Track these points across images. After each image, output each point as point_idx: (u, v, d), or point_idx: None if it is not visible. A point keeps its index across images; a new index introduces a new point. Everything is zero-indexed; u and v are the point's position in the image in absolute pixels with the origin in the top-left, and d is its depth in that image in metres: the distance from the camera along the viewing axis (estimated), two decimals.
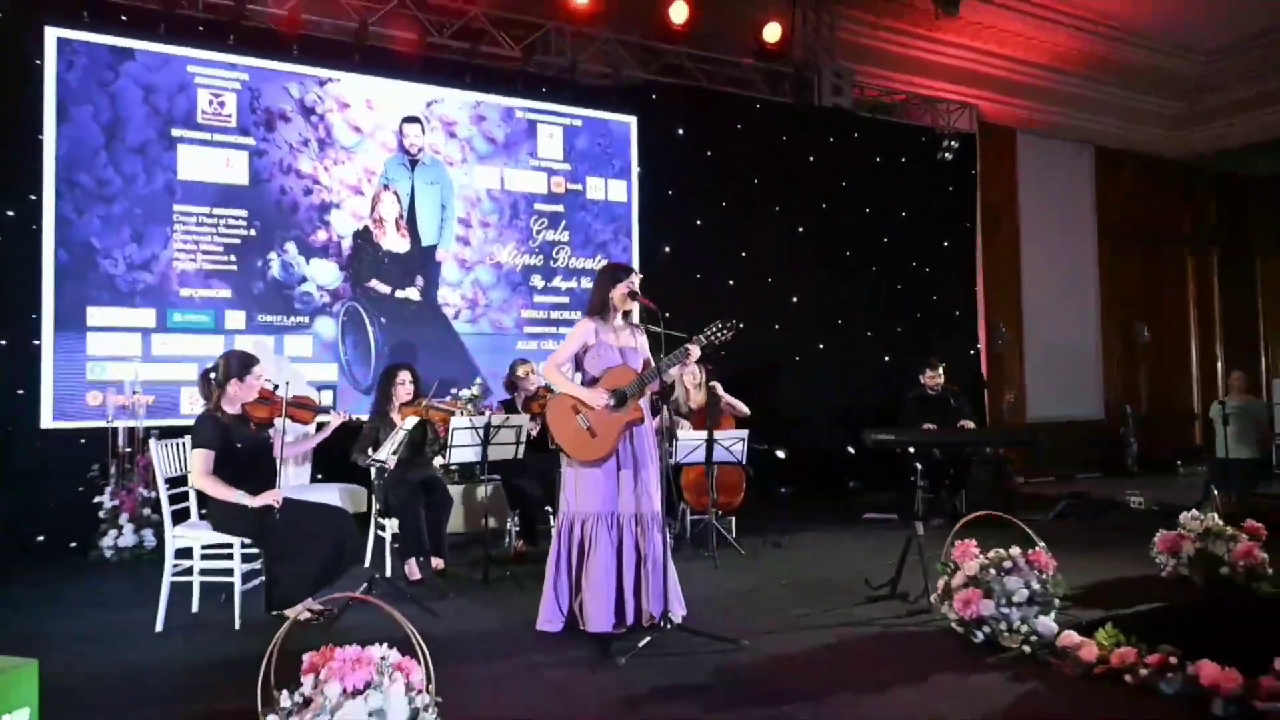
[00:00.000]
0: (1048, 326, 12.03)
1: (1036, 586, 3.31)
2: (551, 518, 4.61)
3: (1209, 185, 13.52)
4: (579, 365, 3.64)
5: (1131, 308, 12.48)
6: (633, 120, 7.48)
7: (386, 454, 4.07)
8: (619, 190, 7.43)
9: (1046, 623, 3.21)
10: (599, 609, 3.37)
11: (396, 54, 6.65)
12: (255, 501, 3.56)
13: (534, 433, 4.85)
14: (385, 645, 2.29)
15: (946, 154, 9.04)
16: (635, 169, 7.49)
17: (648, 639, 3.22)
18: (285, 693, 2.16)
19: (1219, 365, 13.11)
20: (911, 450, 6.52)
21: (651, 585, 3.38)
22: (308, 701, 2.13)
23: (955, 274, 9.21)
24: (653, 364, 3.56)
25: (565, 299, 7.12)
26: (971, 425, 6.56)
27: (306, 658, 2.22)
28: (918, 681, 2.92)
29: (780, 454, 7.63)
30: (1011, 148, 12.08)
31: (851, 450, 7.65)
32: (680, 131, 7.66)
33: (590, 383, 3.56)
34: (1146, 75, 12.13)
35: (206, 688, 2.90)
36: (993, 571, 3.33)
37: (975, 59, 10.86)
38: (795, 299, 8.13)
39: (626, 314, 3.66)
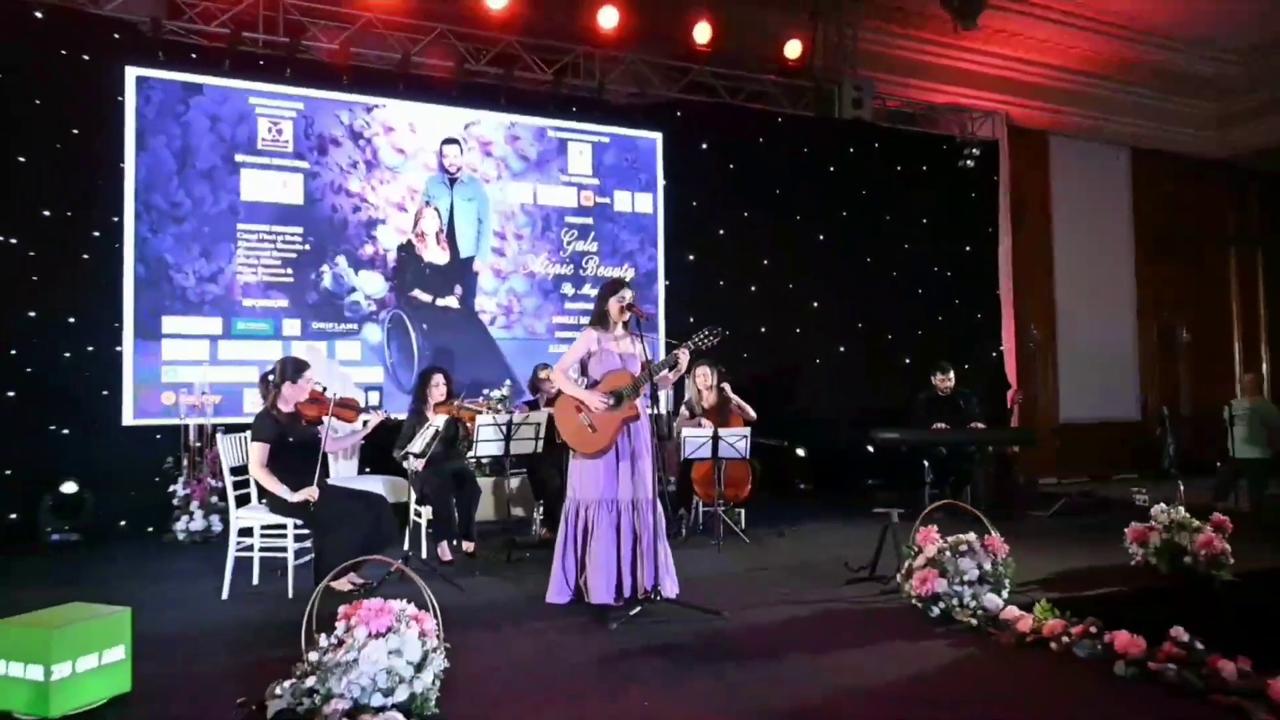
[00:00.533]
0: (1081, 328, 12.16)
1: (987, 567, 3.71)
2: None
3: (1252, 185, 13.47)
4: (584, 370, 4.15)
5: (1171, 309, 12.51)
6: (658, 136, 7.97)
7: (419, 447, 4.62)
8: (645, 202, 7.93)
9: (993, 599, 3.62)
10: (600, 583, 3.87)
11: (437, 81, 7.25)
12: (294, 497, 4.14)
13: None
14: (406, 601, 2.82)
15: (968, 161, 9.32)
16: (661, 182, 7.98)
17: (638, 608, 3.71)
18: (323, 635, 2.70)
19: (1264, 366, 13.07)
20: (904, 448, 6.96)
21: (645, 562, 3.86)
22: (341, 642, 2.67)
23: (977, 278, 9.48)
24: (649, 369, 4.03)
25: (593, 305, 7.63)
26: (981, 426, 6.90)
27: (341, 609, 2.75)
28: (869, 646, 3.36)
29: (800, 452, 8.08)
30: (1044, 151, 12.25)
31: (871, 449, 8.00)
32: (704, 146, 8.12)
33: (593, 385, 4.06)
34: (1180, 77, 12.18)
35: (263, 641, 3.47)
36: (949, 554, 3.73)
37: (1004, 65, 11.04)
38: (816, 304, 8.53)
39: (625, 323, 4.14)
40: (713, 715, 2.72)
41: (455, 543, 5.00)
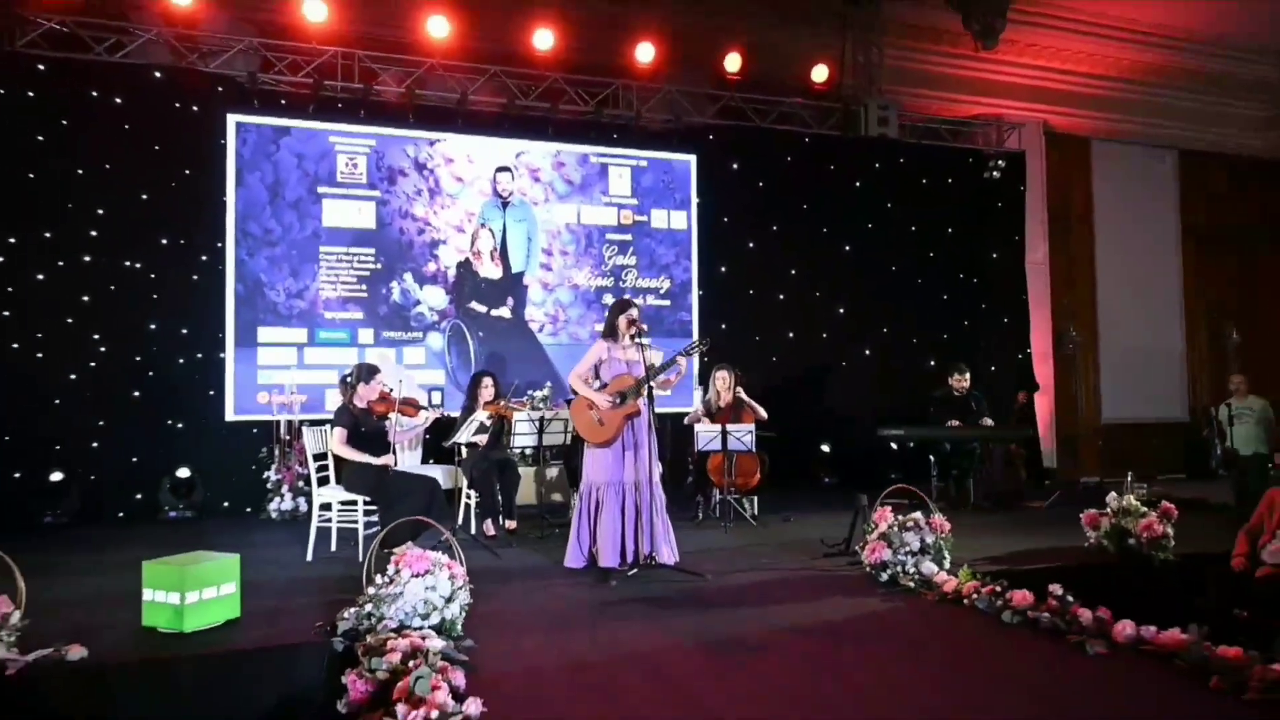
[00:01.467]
0: (1125, 329, 12.49)
1: (929, 541, 4.44)
2: None
3: None
4: (597, 374, 5.02)
5: (1221, 310, 12.70)
6: (692, 158, 8.80)
7: (465, 437, 5.57)
8: (680, 219, 8.77)
9: (931, 566, 4.35)
10: (608, 550, 4.74)
11: (490, 115, 8.23)
12: (377, 461, 5.16)
13: None
14: (440, 552, 3.73)
15: (994, 173, 9.86)
16: (694, 200, 8.81)
17: (635, 570, 4.56)
18: (379, 576, 3.64)
19: None
20: (910, 444, 7.62)
21: (644, 532, 4.71)
22: (391, 580, 3.60)
23: (1004, 284, 9.99)
24: (650, 371, 4.87)
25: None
26: (989, 423, 7.52)
27: (393, 556, 3.68)
28: (815, 601, 4.14)
29: (825, 448, 8.80)
30: (1085, 156, 12.61)
31: (895, 445, 8.64)
32: (735, 166, 8.91)
33: (602, 387, 4.93)
34: (1225, 80, 12.35)
35: (336, 587, 4.43)
36: (896, 529, 4.48)
37: (1041, 75, 11.44)
38: (841, 310, 9.22)
39: (631, 336, 4.98)
40: (669, 639, 3.56)
41: (499, 521, 5.94)
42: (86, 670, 3.23)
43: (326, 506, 5.39)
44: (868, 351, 9.26)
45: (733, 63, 8.82)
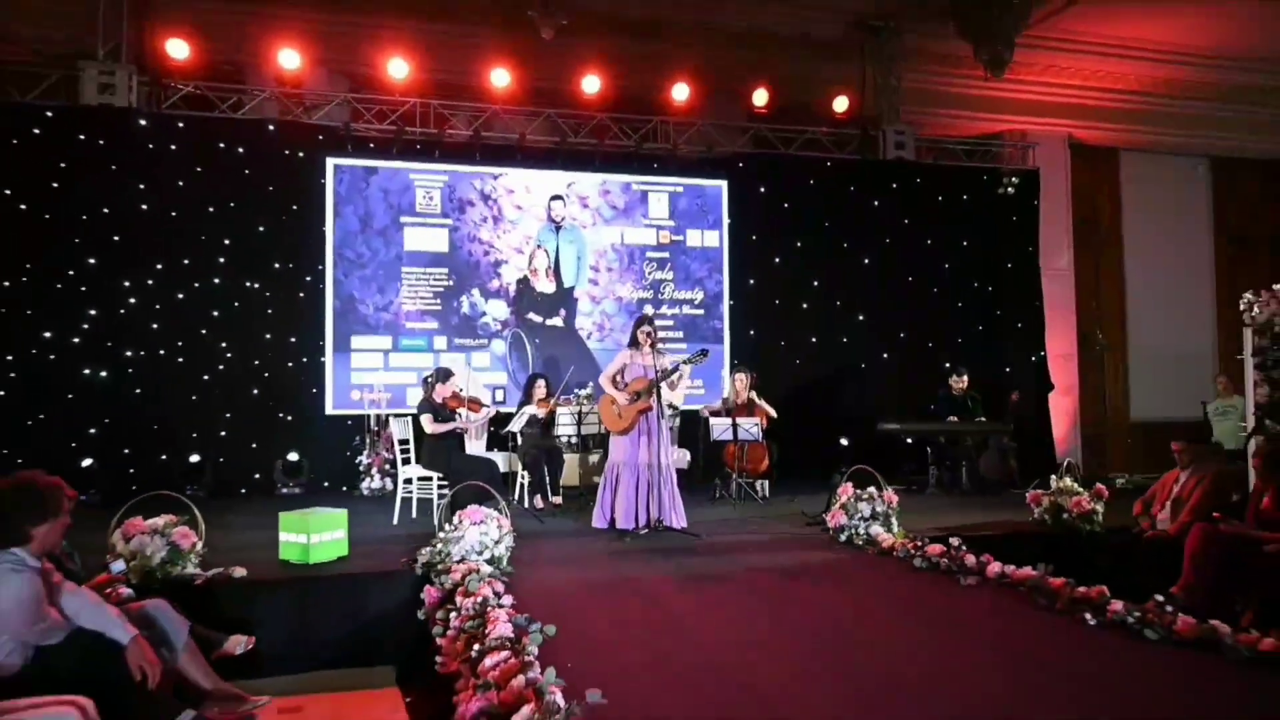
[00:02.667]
0: (1155, 331, 13.23)
1: (879, 509, 5.64)
2: None
3: None
4: (622, 376, 6.34)
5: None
6: (724, 184, 10.05)
7: (517, 426, 6.98)
8: (713, 238, 10.03)
9: (877, 529, 5.55)
10: (625, 514, 6.06)
11: (545, 151, 9.63)
12: (448, 427, 6.61)
13: None
14: (496, 510, 5.12)
15: (1008, 189, 10.82)
16: (726, 221, 10.06)
17: (645, 530, 5.88)
18: (448, 525, 5.03)
19: None
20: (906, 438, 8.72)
21: (655, 501, 6.01)
22: (456, 528, 4.99)
23: (1018, 292, 10.93)
24: (661, 375, 6.16)
25: (670, 322, 9.82)
26: (982, 419, 8.60)
27: (457, 512, 5.08)
28: (780, 553, 5.40)
29: (844, 441, 9.94)
30: (1114, 166, 13.39)
31: (909, 440, 9.71)
32: (762, 190, 10.12)
33: (624, 387, 6.25)
34: (1253, 91, 12.85)
35: (417, 539, 5.83)
36: (853, 500, 5.69)
37: (1063, 93, 12.18)
38: (861, 317, 10.33)
39: (649, 345, 6.27)
40: (659, 573, 4.87)
41: (546, 496, 7.32)
42: (246, 584, 4.71)
43: (409, 481, 6.86)
44: (885, 355, 10.36)
45: (760, 97, 10.04)
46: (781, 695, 3.09)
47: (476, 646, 3.23)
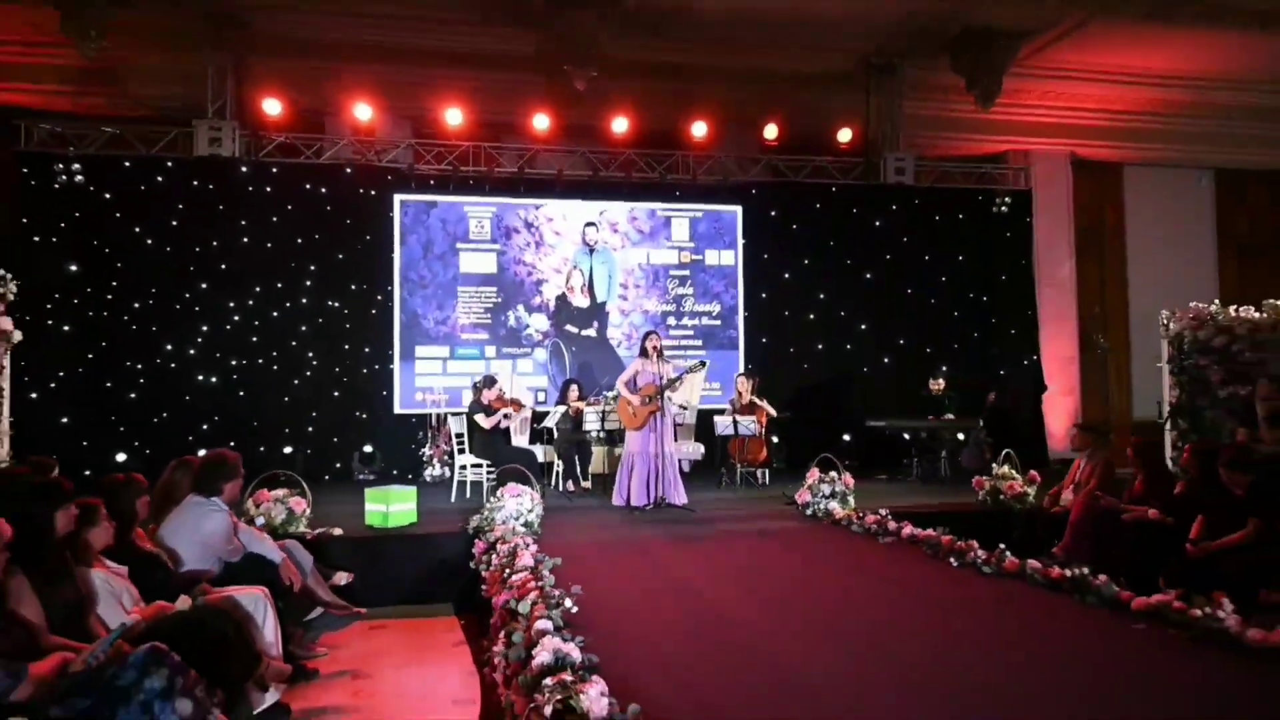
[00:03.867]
0: (1158, 335, 14.24)
1: (838, 489, 7.09)
2: None
3: None
4: (634, 382, 7.88)
5: None
6: (738, 209, 11.53)
7: (551, 422, 8.59)
8: (729, 257, 11.52)
9: (835, 505, 7.01)
10: (637, 494, 7.61)
11: (580, 184, 11.21)
12: (494, 419, 8.21)
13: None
14: (530, 488, 6.72)
15: (1002, 208, 12.09)
16: (740, 242, 11.53)
17: (650, 506, 7.43)
18: (493, 498, 6.65)
19: None
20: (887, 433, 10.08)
21: (661, 483, 7.53)
22: (499, 499, 6.60)
23: (1012, 301, 12.19)
24: (666, 382, 7.68)
25: (690, 332, 11.34)
26: (950, 417, 9.95)
27: (499, 489, 6.69)
28: (755, 521, 6.90)
29: (846, 437, 11.34)
30: (1117, 180, 14.44)
31: (907, 436, 11.05)
32: (773, 213, 11.57)
33: (636, 391, 7.80)
34: (1252, 109, 13.60)
35: (470, 511, 7.47)
36: (817, 482, 7.15)
37: (1064, 114, 13.20)
38: (863, 326, 11.71)
39: (655, 355, 7.81)
40: (657, 536, 6.42)
41: (577, 481, 8.91)
42: (343, 540, 6.38)
43: (464, 467, 8.51)
44: (886, 360, 11.72)
45: (771, 131, 11.48)
46: (725, 607, 4.60)
47: (508, 572, 4.80)
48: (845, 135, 11.70)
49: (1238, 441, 6.58)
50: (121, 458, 9.51)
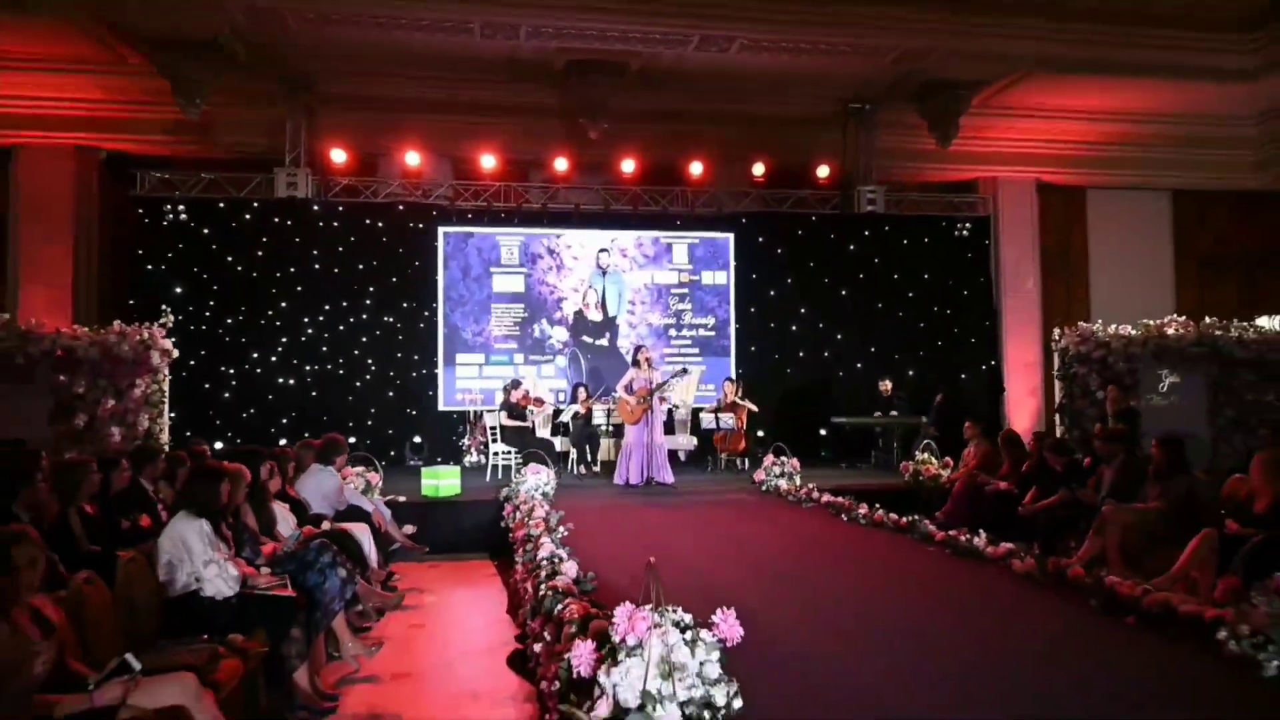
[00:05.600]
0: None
1: (786, 470, 9.29)
2: None
3: None
4: (630, 386, 10.12)
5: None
6: (731, 236, 13.71)
7: (566, 417, 10.89)
8: (721, 277, 13.72)
9: (782, 482, 9.21)
10: (635, 474, 9.85)
11: (595, 215, 13.46)
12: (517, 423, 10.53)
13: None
14: (550, 470, 9.01)
15: (963, 232, 14.16)
16: (732, 263, 13.72)
17: (644, 483, 9.69)
18: (518, 474, 8.93)
19: None
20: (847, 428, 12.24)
21: (651, 465, 9.78)
22: (524, 475, 8.88)
23: (972, 314, 14.25)
24: (655, 386, 9.90)
25: (689, 342, 13.55)
26: (895, 414, 12.07)
27: (523, 468, 8.99)
28: (722, 497, 9.13)
29: (823, 432, 13.51)
30: (1081, 202, 16.30)
31: (879, 430, 13.15)
32: (760, 239, 13.74)
33: (632, 393, 10.04)
34: (1208, 139, 15.13)
35: (500, 487, 9.75)
36: (771, 465, 9.36)
37: (1030, 145, 15.08)
38: (839, 336, 13.85)
39: (646, 364, 10.04)
40: (642, 504, 8.67)
41: (587, 466, 11.19)
42: (406, 505, 8.69)
43: (496, 454, 10.83)
44: (859, 365, 13.84)
45: (758, 168, 13.64)
46: (674, 545, 6.82)
47: (527, 519, 7.06)
48: (824, 171, 13.84)
49: (1095, 433, 8.59)
50: (218, 446, 11.94)
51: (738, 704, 2.80)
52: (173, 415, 10.75)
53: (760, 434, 12.51)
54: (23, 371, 8.27)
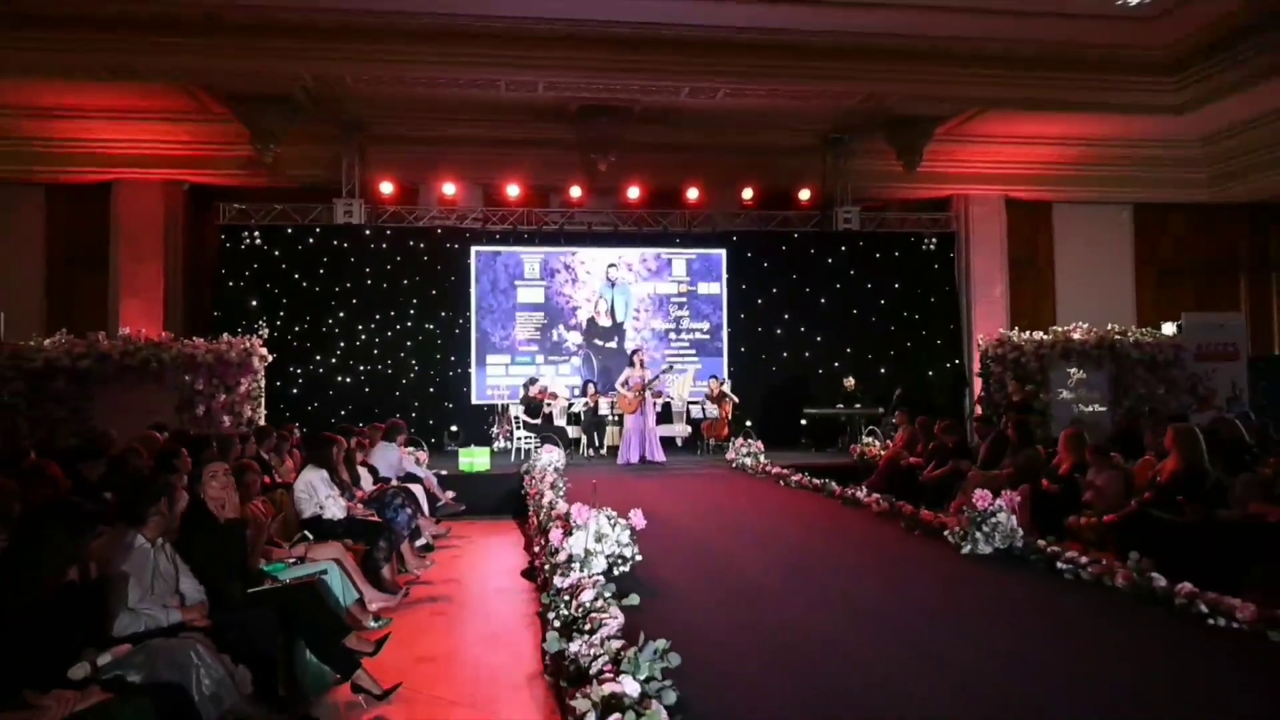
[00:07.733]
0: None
1: (754, 450, 11.69)
2: None
3: (1262, 221, 18.28)
4: (626, 382, 12.56)
5: None
6: (723, 251, 16.08)
7: (578, 408, 13.37)
8: (715, 288, 16.10)
9: (749, 461, 11.61)
10: (633, 454, 12.29)
11: (605, 235, 15.90)
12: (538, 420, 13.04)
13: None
14: (563, 451, 11.50)
15: (930, 245, 16.42)
16: (725, 276, 16.10)
17: (639, 462, 12.13)
18: (535, 454, 11.43)
19: None
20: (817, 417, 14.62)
21: (646, 447, 12.21)
22: (539, 454, 11.36)
23: (940, 318, 16.50)
24: (647, 381, 12.34)
25: (687, 344, 15.95)
26: (859, 406, 14.39)
27: (540, 448, 11.48)
28: (701, 470, 11.56)
29: (804, 421, 15.89)
30: (1047, 216, 18.41)
31: (843, 419, 15.45)
32: (749, 254, 16.09)
33: (629, 388, 12.48)
34: (1160, 159, 17.22)
35: (522, 465, 12.22)
36: (740, 446, 11.76)
37: (998, 165, 17.28)
38: (819, 338, 16.17)
39: (640, 364, 12.48)
40: (634, 477, 11.13)
41: (595, 449, 13.66)
42: (449, 478, 11.21)
43: (520, 439, 13.34)
44: (836, 364, 16.14)
45: (748, 192, 16.01)
46: (654, 503, 9.22)
47: (540, 484, 9.52)
48: (805, 194, 16.17)
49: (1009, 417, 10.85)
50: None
51: (639, 558, 5.26)
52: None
53: (748, 424, 14.88)
54: (156, 374, 10.87)
